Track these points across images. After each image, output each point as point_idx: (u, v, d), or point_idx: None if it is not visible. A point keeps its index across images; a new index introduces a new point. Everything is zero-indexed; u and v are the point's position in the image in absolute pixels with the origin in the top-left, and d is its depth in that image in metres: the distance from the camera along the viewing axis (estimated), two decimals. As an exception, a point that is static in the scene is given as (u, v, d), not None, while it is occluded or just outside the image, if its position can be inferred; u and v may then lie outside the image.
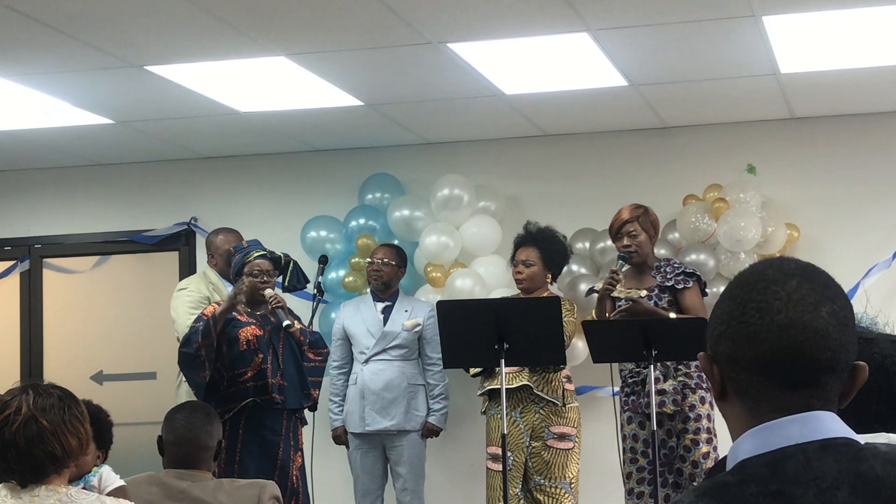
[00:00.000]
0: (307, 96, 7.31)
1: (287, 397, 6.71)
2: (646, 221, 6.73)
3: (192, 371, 6.61)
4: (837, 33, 6.32)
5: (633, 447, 6.70)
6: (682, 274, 6.63)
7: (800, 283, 1.75)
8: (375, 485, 7.70)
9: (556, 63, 6.77)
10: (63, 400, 3.35)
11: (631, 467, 6.70)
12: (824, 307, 1.74)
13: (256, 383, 6.64)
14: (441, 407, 7.69)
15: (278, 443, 6.69)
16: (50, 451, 3.28)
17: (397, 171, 8.62)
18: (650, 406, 6.41)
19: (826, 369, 1.74)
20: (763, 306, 1.74)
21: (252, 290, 6.72)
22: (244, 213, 8.77)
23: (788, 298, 1.73)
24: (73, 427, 3.33)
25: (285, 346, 6.76)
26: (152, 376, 9.01)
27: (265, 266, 6.76)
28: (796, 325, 1.72)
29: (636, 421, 6.69)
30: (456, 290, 7.88)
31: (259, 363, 6.63)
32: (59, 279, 9.39)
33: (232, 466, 6.51)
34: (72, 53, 6.29)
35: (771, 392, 1.74)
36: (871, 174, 8.00)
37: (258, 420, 6.64)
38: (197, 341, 6.55)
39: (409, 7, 5.74)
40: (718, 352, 1.79)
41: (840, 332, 1.74)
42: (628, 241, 6.70)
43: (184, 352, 6.64)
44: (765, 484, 1.67)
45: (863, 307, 7.48)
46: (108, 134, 8.15)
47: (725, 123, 8.20)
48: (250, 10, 5.75)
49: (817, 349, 1.72)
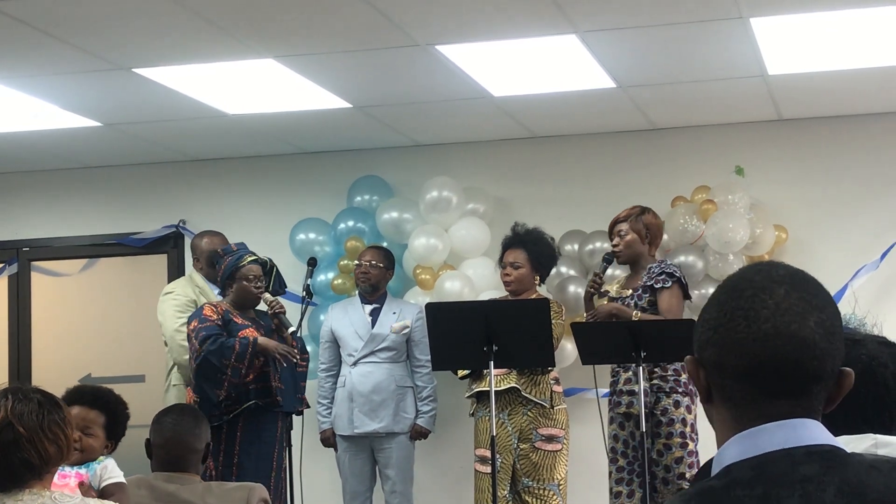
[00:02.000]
0: (295, 98, 7.31)
1: (284, 400, 6.72)
2: (637, 222, 6.75)
3: (209, 383, 6.51)
4: (825, 35, 6.33)
5: (613, 447, 6.76)
6: (662, 274, 6.66)
7: (788, 292, 1.74)
8: (364, 487, 7.70)
9: (544, 65, 6.77)
10: (43, 405, 3.24)
11: (611, 467, 6.75)
12: (812, 317, 1.73)
13: (258, 386, 6.63)
14: (429, 409, 7.69)
15: (274, 444, 6.69)
16: (26, 459, 3.18)
17: (386, 173, 8.61)
18: (624, 406, 6.53)
19: (812, 379, 1.74)
20: (750, 314, 1.74)
21: (246, 295, 6.72)
22: (233, 215, 8.76)
23: (776, 307, 1.73)
24: (52, 433, 3.21)
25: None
26: (141, 379, 8.99)
27: (257, 271, 6.76)
28: (783, 334, 1.72)
29: (616, 422, 6.75)
30: (445, 293, 7.88)
31: (260, 366, 6.61)
32: (47, 282, 9.38)
33: (230, 468, 6.51)
34: (60, 56, 6.28)
35: (755, 400, 1.74)
36: (859, 176, 8.01)
37: (255, 422, 6.64)
38: (229, 358, 6.47)
39: (397, 9, 5.74)
40: (704, 357, 1.79)
41: (827, 341, 1.74)
42: (616, 241, 6.76)
43: (210, 361, 6.49)
44: (750, 487, 1.67)
45: (851, 308, 7.50)
46: (97, 136, 8.13)
47: (713, 125, 8.21)
48: (238, 13, 5.74)
49: (803, 359, 1.72)
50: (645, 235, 6.78)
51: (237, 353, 6.47)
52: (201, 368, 6.55)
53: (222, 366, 6.46)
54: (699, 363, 1.80)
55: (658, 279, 6.64)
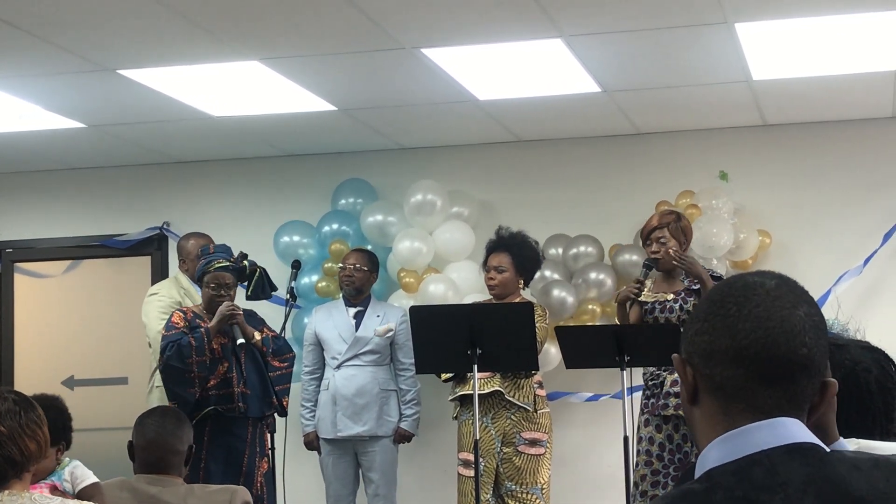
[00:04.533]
0: (280, 101, 7.30)
1: (250, 405, 6.68)
2: (676, 228, 6.74)
3: (180, 386, 6.51)
4: (809, 41, 6.35)
5: (648, 450, 6.67)
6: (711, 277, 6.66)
7: (778, 285, 1.79)
8: (347, 490, 7.69)
9: (529, 69, 6.78)
10: (19, 404, 3.34)
11: (645, 469, 6.66)
12: (801, 308, 1.77)
13: (219, 392, 6.61)
14: (413, 412, 7.68)
15: (244, 450, 6.66)
16: (9, 456, 3.28)
17: (371, 176, 8.61)
18: (672, 408, 6.47)
19: (801, 367, 1.75)
20: (742, 300, 1.77)
21: (209, 301, 6.69)
22: (217, 217, 8.75)
23: (767, 294, 1.77)
24: (32, 431, 3.32)
25: (248, 355, 6.74)
26: (124, 381, 8.97)
27: (224, 279, 6.68)
28: (774, 318, 1.75)
29: (653, 423, 6.67)
30: (429, 296, 7.88)
31: (224, 372, 6.60)
32: (30, 283, 9.35)
33: (197, 473, 6.46)
34: (44, 57, 6.26)
35: (745, 388, 1.75)
36: (843, 181, 8.04)
37: (223, 427, 6.61)
38: (189, 356, 6.48)
39: (383, 12, 5.74)
40: (693, 350, 1.80)
41: (815, 334, 1.76)
42: (657, 248, 6.72)
43: (173, 366, 6.51)
44: (731, 490, 1.68)
45: (834, 314, 7.52)
46: (81, 138, 8.12)
47: (698, 130, 8.23)
48: (223, 15, 5.73)
49: (793, 344, 1.74)
50: (683, 241, 6.78)
51: (195, 347, 6.49)
52: (166, 374, 6.59)
53: (186, 366, 6.48)
54: (687, 361, 1.81)
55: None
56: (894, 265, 7.93)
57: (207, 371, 6.50)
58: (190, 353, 6.47)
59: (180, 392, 6.54)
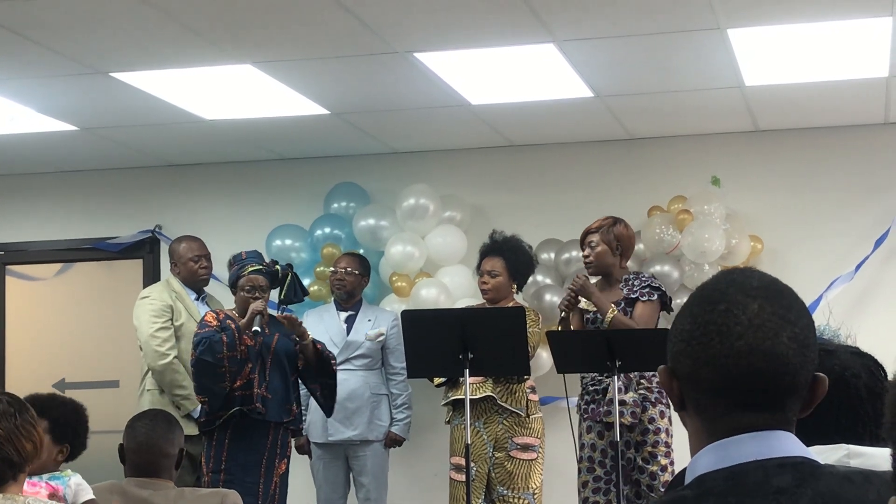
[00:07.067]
0: (273, 104, 7.30)
1: (269, 409, 6.65)
2: (608, 233, 6.66)
3: (212, 380, 6.53)
4: (802, 47, 6.36)
5: (590, 456, 6.68)
6: (647, 287, 6.61)
7: (762, 307, 1.74)
8: (338, 495, 7.68)
9: (522, 73, 6.78)
10: (13, 406, 3.39)
11: (587, 476, 6.67)
12: (785, 332, 1.73)
13: (244, 393, 6.61)
14: (404, 417, 7.68)
15: (264, 452, 6.64)
16: (7, 457, 3.33)
17: (363, 180, 8.61)
18: (611, 416, 6.42)
19: (785, 392, 1.74)
20: (724, 330, 1.73)
21: (244, 305, 6.69)
22: (209, 221, 8.74)
23: (749, 324, 1.73)
24: (27, 432, 3.38)
25: (274, 359, 6.72)
26: (115, 384, 8.96)
27: (259, 282, 6.71)
28: (756, 351, 1.72)
29: (595, 430, 6.68)
30: (421, 300, 7.87)
31: (248, 373, 6.60)
32: (21, 286, 9.33)
33: (218, 475, 6.48)
34: (37, 59, 6.26)
35: (729, 413, 1.74)
36: (835, 187, 8.05)
37: (245, 430, 6.62)
38: (221, 351, 6.50)
39: (375, 16, 5.74)
40: (677, 369, 1.78)
41: (801, 355, 1.74)
42: (587, 252, 6.69)
43: (205, 360, 6.51)
44: (723, 497, 1.67)
45: (825, 320, 7.54)
46: (73, 141, 8.11)
47: (690, 135, 8.23)
48: (216, 18, 5.73)
49: (777, 375, 1.72)
50: (616, 247, 6.67)
51: (227, 343, 6.50)
52: (198, 369, 6.58)
53: (217, 360, 6.49)
54: (673, 374, 1.80)
55: (642, 291, 6.58)
56: (886, 271, 7.94)
57: (238, 366, 6.52)
58: (221, 349, 6.49)
59: (211, 385, 6.55)
